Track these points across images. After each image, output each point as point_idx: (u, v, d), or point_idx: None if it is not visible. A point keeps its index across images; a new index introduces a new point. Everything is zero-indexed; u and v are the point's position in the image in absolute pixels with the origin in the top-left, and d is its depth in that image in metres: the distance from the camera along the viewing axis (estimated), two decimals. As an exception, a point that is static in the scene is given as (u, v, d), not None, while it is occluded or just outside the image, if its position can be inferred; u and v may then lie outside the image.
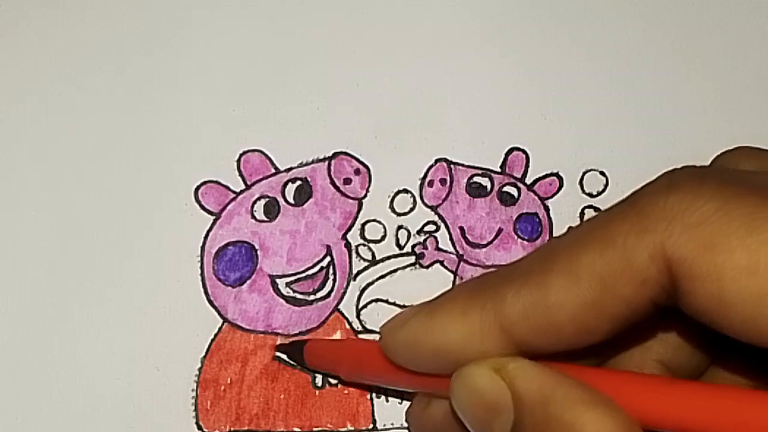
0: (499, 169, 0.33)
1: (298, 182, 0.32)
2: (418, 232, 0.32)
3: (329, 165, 0.32)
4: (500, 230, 0.32)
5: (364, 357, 0.27)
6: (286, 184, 0.32)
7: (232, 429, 0.30)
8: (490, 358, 0.22)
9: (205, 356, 0.30)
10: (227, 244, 0.31)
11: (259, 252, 0.31)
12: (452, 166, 0.33)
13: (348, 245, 0.32)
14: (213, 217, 0.32)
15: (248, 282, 0.31)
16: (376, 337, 0.31)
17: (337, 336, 0.31)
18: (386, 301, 0.31)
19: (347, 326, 0.31)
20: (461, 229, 0.32)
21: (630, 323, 0.21)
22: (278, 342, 0.31)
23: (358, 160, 0.32)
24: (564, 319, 0.20)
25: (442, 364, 0.23)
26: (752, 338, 0.19)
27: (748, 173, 0.21)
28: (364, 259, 0.32)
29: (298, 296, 0.31)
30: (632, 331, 0.22)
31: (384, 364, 0.25)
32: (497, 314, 0.21)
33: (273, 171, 0.32)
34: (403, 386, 0.27)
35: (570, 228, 0.32)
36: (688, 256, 0.19)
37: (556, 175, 0.33)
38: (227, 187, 0.32)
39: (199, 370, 0.30)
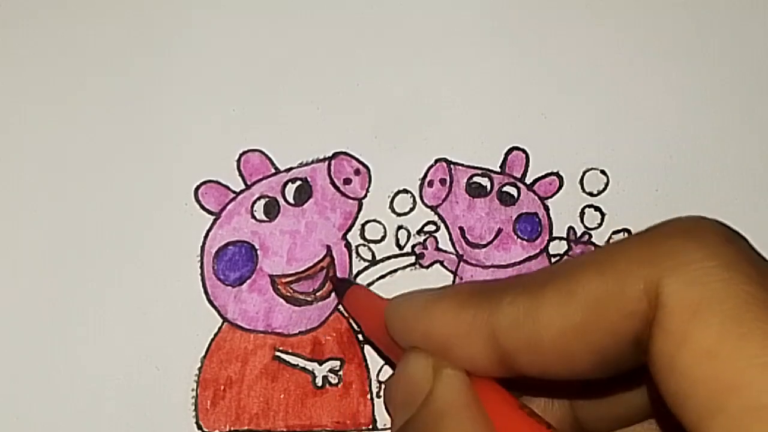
0: (498, 169, 0.33)
1: (298, 182, 0.32)
2: (418, 232, 0.32)
3: (329, 165, 0.32)
4: (500, 230, 0.32)
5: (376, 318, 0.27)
6: (286, 184, 0.32)
7: (231, 429, 0.30)
8: (437, 357, 0.22)
9: (205, 356, 0.30)
10: (227, 244, 0.31)
11: (259, 252, 0.31)
12: (452, 166, 0.33)
13: (348, 245, 0.32)
14: (213, 217, 0.32)
15: (248, 282, 0.31)
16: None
17: (337, 335, 0.31)
18: (386, 301, 0.31)
19: (348, 326, 0.31)
20: (461, 229, 0.32)
21: (611, 366, 0.20)
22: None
23: (358, 160, 0.32)
24: (549, 337, 0.20)
25: (429, 348, 0.23)
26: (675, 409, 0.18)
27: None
28: (364, 260, 0.32)
29: (298, 296, 0.31)
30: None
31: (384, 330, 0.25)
32: (489, 317, 0.21)
33: (273, 171, 0.32)
34: (391, 356, 0.27)
35: (569, 228, 0.33)
36: (674, 307, 0.18)
37: (556, 174, 0.33)
38: (227, 187, 0.32)
39: (199, 369, 0.30)
